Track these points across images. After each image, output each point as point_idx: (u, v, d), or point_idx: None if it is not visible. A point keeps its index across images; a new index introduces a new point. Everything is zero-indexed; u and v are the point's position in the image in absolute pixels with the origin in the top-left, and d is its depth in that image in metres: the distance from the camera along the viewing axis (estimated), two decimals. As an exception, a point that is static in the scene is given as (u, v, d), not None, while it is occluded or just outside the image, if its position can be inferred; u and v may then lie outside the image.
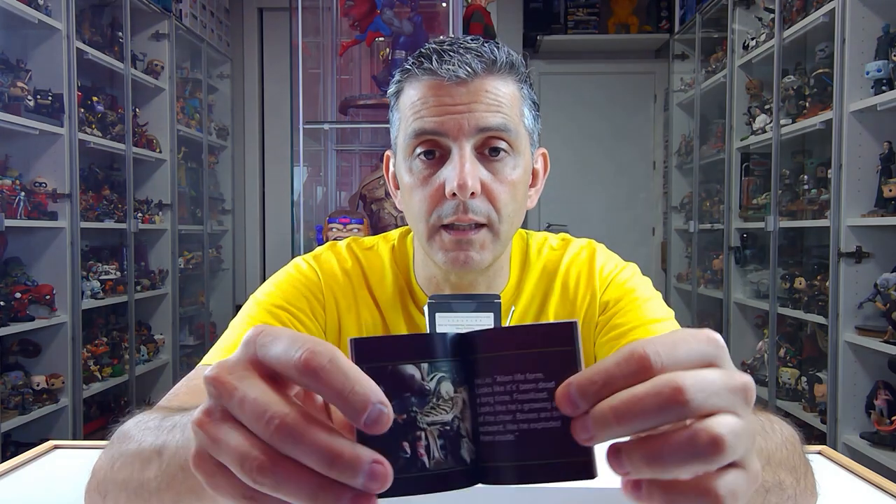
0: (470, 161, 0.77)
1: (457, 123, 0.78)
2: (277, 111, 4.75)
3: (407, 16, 2.69)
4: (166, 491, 0.52)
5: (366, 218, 2.70)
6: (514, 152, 0.81)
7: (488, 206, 0.80)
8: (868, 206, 2.30)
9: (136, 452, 0.56)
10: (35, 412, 2.60)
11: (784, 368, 2.81)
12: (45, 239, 2.78)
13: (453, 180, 0.76)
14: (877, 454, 2.16)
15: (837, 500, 0.74)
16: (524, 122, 0.83)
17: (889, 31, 2.22)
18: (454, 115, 0.78)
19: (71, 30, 2.78)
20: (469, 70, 0.78)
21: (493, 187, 0.79)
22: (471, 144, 0.78)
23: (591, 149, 4.88)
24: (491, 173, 0.80)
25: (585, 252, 0.94)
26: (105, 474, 0.59)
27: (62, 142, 2.76)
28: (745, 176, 3.26)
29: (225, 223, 4.57)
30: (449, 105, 0.78)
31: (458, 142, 0.78)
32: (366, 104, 2.76)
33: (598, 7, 4.67)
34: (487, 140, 0.79)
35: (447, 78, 0.78)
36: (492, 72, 0.80)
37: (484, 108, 0.78)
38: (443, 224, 0.79)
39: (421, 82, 0.80)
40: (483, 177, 0.79)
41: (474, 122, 0.78)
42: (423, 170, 0.80)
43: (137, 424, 0.59)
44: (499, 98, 0.79)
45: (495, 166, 0.80)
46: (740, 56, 3.24)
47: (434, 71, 0.78)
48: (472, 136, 0.78)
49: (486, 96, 0.79)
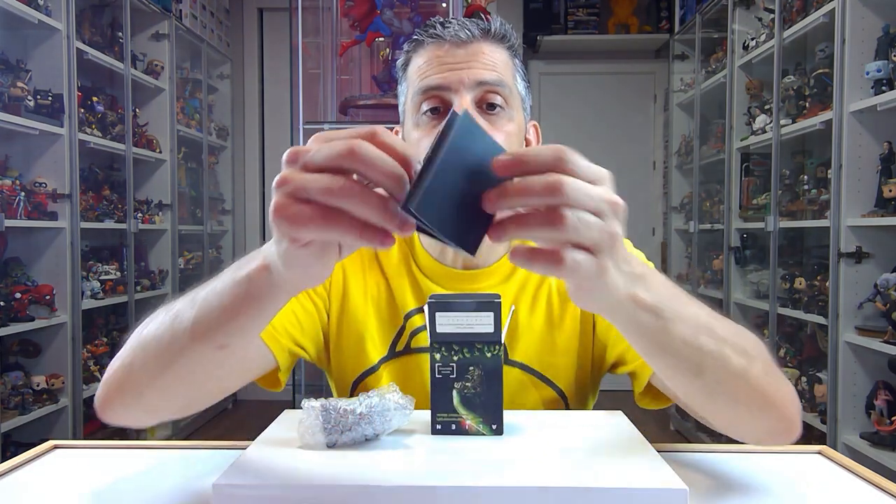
0: (471, 110, 0.87)
1: (458, 77, 0.89)
2: (277, 111, 4.76)
3: (407, 16, 2.69)
4: (229, 304, 0.59)
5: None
6: (509, 107, 0.91)
7: None
8: (868, 206, 2.30)
9: (189, 297, 0.64)
10: (35, 412, 2.60)
11: (784, 369, 2.81)
12: (45, 239, 2.78)
13: None
14: (877, 454, 2.16)
15: (837, 500, 0.74)
16: (517, 85, 0.94)
17: (889, 31, 2.22)
18: (456, 70, 0.89)
19: (71, 30, 2.78)
20: (468, 33, 0.90)
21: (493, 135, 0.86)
22: (471, 97, 0.89)
23: (591, 149, 4.80)
24: (488, 124, 0.89)
25: None
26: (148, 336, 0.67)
27: (62, 142, 2.76)
28: (745, 176, 3.26)
29: (225, 223, 4.57)
30: (451, 63, 0.89)
31: (459, 94, 0.89)
32: (366, 104, 2.76)
33: (598, 7, 4.67)
34: (485, 95, 0.90)
35: (450, 39, 0.90)
36: (487, 38, 0.91)
37: (481, 66, 0.89)
38: None
39: (426, 49, 0.91)
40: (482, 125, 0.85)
41: (473, 76, 0.89)
42: (428, 122, 0.91)
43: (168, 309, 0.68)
44: (494, 59, 0.91)
45: (492, 119, 0.90)
46: (740, 56, 3.24)
47: (439, 35, 0.90)
48: (471, 89, 0.89)
49: (482, 57, 0.90)
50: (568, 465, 0.66)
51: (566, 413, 0.90)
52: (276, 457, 0.69)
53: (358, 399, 0.74)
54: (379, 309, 0.98)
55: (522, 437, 0.76)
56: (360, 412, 0.72)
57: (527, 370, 0.96)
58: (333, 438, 0.72)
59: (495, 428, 0.76)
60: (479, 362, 0.77)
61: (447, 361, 0.77)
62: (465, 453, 0.70)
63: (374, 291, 0.98)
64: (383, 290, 0.98)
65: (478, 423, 0.77)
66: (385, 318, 0.98)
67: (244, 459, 0.67)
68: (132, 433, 3.31)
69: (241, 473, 0.64)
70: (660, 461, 0.66)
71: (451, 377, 0.77)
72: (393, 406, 0.74)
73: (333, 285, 0.97)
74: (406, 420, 0.75)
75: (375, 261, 0.99)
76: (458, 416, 0.77)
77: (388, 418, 0.73)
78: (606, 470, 0.64)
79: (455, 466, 0.66)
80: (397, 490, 0.60)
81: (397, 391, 0.75)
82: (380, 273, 0.99)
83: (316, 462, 0.67)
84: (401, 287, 0.98)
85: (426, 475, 0.64)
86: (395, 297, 0.98)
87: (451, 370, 0.77)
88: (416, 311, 0.97)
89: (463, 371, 0.77)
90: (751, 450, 0.89)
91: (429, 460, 0.69)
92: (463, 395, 0.77)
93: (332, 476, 0.63)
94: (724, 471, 0.82)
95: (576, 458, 0.68)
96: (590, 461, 0.67)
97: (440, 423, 0.77)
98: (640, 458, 0.68)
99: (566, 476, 0.63)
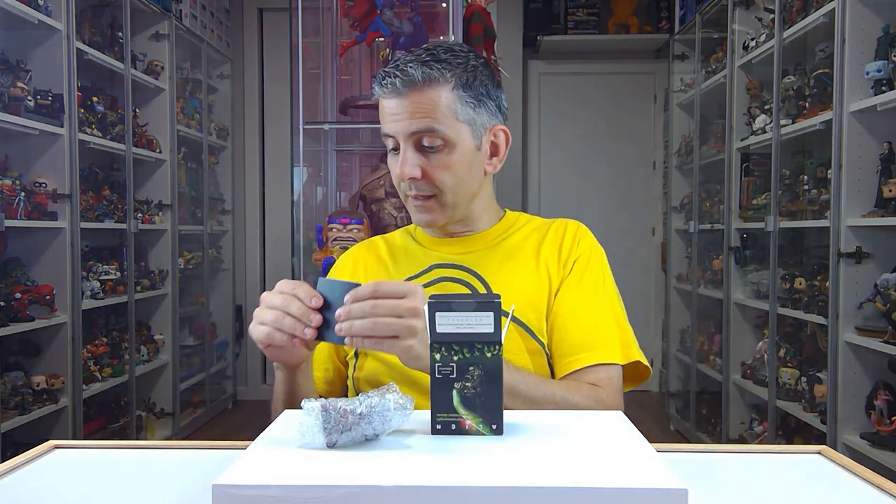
0: (410, 155, 1.07)
1: (398, 127, 1.07)
2: (277, 111, 4.75)
3: (407, 16, 2.68)
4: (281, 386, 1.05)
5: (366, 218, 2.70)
6: (449, 143, 1.07)
7: (431, 185, 1.09)
8: (868, 206, 2.30)
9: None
10: (35, 412, 2.60)
11: (784, 369, 2.81)
12: (45, 239, 2.78)
13: (396, 171, 1.10)
14: (877, 454, 2.16)
15: (837, 500, 0.74)
16: (457, 117, 1.08)
17: (889, 32, 2.22)
18: (397, 121, 1.07)
19: (71, 30, 2.78)
20: (397, 90, 1.06)
21: (432, 172, 1.08)
22: (409, 143, 1.07)
23: (591, 149, 4.88)
24: (430, 161, 1.08)
25: (572, 221, 1.22)
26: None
27: (62, 142, 2.76)
28: (745, 176, 3.26)
29: (225, 223, 4.57)
30: (394, 114, 1.07)
31: (403, 140, 1.08)
32: (366, 104, 2.75)
33: (598, 7, 4.67)
34: (420, 138, 1.07)
35: (390, 91, 1.06)
36: (415, 89, 1.05)
37: (412, 116, 1.06)
38: (408, 195, 1.12)
39: (381, 96, 1.09)
40: (423, 164, 1.08)
41: (407, 128, 1.07)
42: (392, 158, 1.12)
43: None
44: (425, 106, 1.06)
45: (432, 157, 1.08)
46: (740, 56, 3.24)
47: (382, 90, 1.08)
48: (408, 138, 1.07)
49: (415, 106, 1.06)
50: (568, 465, 0.66)
51: (566, 413, 0.90)
52: (276, 457, 0.69)
53: (358, 399, 0.74)
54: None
55: (522, 437, 0.76)
56: (359, 412, 0.72)
57: (514, 320, 1.10)
58: (333, 438, 0.72)
59: (495, 428, 0.76)
60: (479, 362, 0.77)
61: (447, 361, 0.77)
62: (465, 453, 0.70)
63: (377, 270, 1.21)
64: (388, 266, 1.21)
65: (478, 423, 0.77)
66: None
67: (244, 459, 0.68)
68: (132, 433, 3.31)
69: (241, 473, 0.64)
70: (660, 461, 0.66)
71: (451, 377, 0.77)
72: (393, 406, 0.74)
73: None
74: (406, 420, 0.75)
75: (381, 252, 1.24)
76: (458, 416, 0.77)
77: (388, 418, 0.73)
78: (606, 470, 0.64)
79: (455, 466, 0.66)
80: (397, 490, 0.61)
81: (397, 391, 0.76)
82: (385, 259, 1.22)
83: (316, 462, 0.68)
84: (403, 261, 1.20)
85: (426, 475, 0.64)
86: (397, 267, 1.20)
87: (451, 370, 0.77)
88: (411, 278, 1.16)
89: (463, 371, 0.77)
90: (751, 450, 0.89)
91: (429, 460, 0.69)
92: (463, 395, 0.77)
93: (332, 476, 0.63)
94: (724, 471, 0.82)
95: (575, 458, 0.68)
96: (589, 461, 0.67)
97: (440, 423, 0.77)
98: (640, 458, 0.68)
99: (566, 476, 0.63)
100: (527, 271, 1.14)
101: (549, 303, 1.13)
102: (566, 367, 1.09)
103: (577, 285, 1.13)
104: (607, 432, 0.77)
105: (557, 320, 1.11)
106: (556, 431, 0.78)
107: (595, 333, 1.10)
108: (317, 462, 0.67)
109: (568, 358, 1.09)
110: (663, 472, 0.63)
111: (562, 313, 1.11)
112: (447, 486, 0.61)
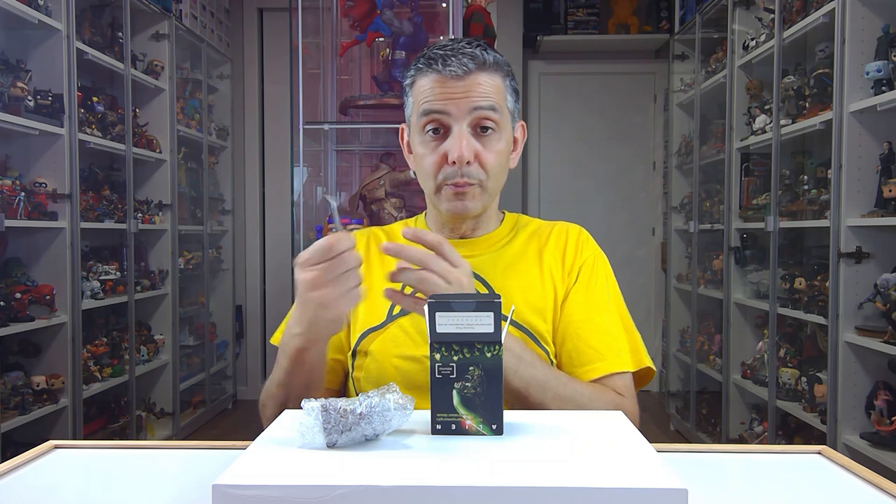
0: (466, 137, 1.05)
1: (456, 106, 1.05)
2: (277, 111, 4.76)
3: (407, 16, 2.69)
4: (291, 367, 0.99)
5: (366, 218, 2.70)
6: (500, 129, 1.08)
7: (480, 170, 1.07)
8: (868, 206, 2.30)
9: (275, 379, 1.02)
10: (35, 412, 2.60)
11: (784, 369, 2.81)
12: (45, 239, 2.78)
13: (454, 152, 1.05)
14: (877, 454, 2.17)
15: (837, 500, 0.74)
16: (507, 105, 1.10)
17: (889, 32, 2.22)
18: (455, 100, 1.05)
19: (71, 30, 2.78)
20: (465, 69, 1.05)
21: (484, 156, 1.07)
22: (467, 122, 1.06)
23: (591, 149, 4.88)
24: (482, 145, 1.07)
25: (573, 226, 1.22)
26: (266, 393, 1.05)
27: (62, 142, 2.76)
28: (745, 176, 3.26)
29: (225, 223, 4.57)
30: (450, 93, 1.05)
31: (457, 121, 1.05)
32: (366, 104, 2.75)
33: (598, 7, 4.67)
34: (479, 120, 1.06)
35: (450, 76, 1.05)
36: (483, 69, 1.06)
37: (476, 95, 1.05)
38: (446, 182, 1.08)
39: (429, 77, 1.07)
40: (476, 148, 1.06)
41: (469, 104, 1.05)
42: (430, 141, 1.08)
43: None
44: (487, 89, 1.06)
45: (485, 140, 1.07)
46: (740, 56, 3.24)
47: (440, 71, 1.05)
48: (467, 115, 1.05)
49: (478, 87, 1.06)
50: (568, 466, 0.66)
51: (566, 413, 0.90)
52: (276, 457, 0.69)
53: (358, 399, 0.74)
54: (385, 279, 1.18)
55: (522, 437, 0.76)
56: (359, 412, 0.72)
57: (520, 327, 1.09)
58: (333, 438, 0.72)
59: (495, 428, 0.76)
60: (479, 362, 0.77)
61: (447, 361, 0.77)
62: (465, 453, 0.70)
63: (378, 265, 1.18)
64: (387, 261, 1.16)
65: (478, 423, 0.77)
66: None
67: (244, 459, 0.68)
68: (132, 433, 3.31)
69: (241, 473, 0.64)
70: (660, 461, 0.66)
71: (451, 377, 0.77)
72: (393, 406, 0.74)
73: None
74: (406, 420, 0.75)
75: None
76: (458, 416, 0.77)
77: (388, 418, 0.73)
78: (606, 470, 0.64)
79: (455, 466, 0.66)
80: (397, 490, 0.61)
81: (397, 391, 0.75)
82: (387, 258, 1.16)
83: (316, 462, 0.67)
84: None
85: (426, 475, 0.64)
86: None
87: (451, 370, 0.77)
88: None
89: (463, 371, 0.77)
90: (751, 450, 0.89)
91: (429, 460, 0.69)
92: (463, 395, 0.77)
93: (332, 476, 0.63)
94: (724, 471, 0.82)
95: (575, 458, 0.68)
96: (590, 461, 0.67)
97: (440, 423, 0.77)
98: (640, 458, 0.68)
99: (566, 476, 0.63)
100: (531, 278, 1.13)
101: (556, 311, 1.12)
102: (580, 377, 1.08)
103: (585, 293, 1.13)
104: (607, 432, 0.77)
105: (568, 330, 1.11)
106: (556, 431, 0.78)
107: (606, 343, 1.09)
108: (317, 462, 0.67)
109: (581, 368, 1.08)
110: (663, 472, 0.63)
111: (572, 323, 1.11)
112: (447, 486, 0.61)
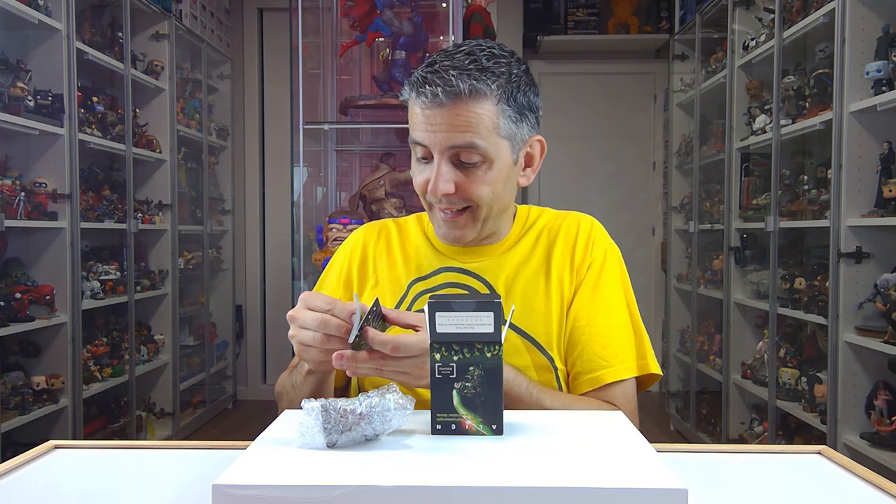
0: (444, 171, 1.00)
1: (434, 140, 0.99)
2: (277, 111, 4.75)
3: (407, 16, 2.68)
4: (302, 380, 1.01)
5: (366, 218, 2.70)
6: (487, 160, 1.01)
7: (465, 199, 1.03)
8: (868, 206, 2.30)
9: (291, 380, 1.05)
10: (35, 412, 2.60)
11: (784, 369, 2.81)
12: (45, 239, 2.78)
13: (430, 186, 1.01)
14: (877, 454, 2.16)
15: (837, 500, 0.74)
16: (499, 132, 1.01)
17: (889, 32, 2.22)
18: (433, 132, 0.99)
19: (71, 30, 2.78)
20: (448, 96, 0.96)
21: (468, 187, 1.02)
22: (445, 157, 1.00)
23: (591, 149, 4.88)
24: (466, 176, 1.01)
25: (585, 218, 1.17)
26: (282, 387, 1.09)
27: (62, 142, 2.76)
28: (745, 176, 3.26)
29: (225, 223, 4.57)
30: (431, 124, 0.99)
31: (437, 152, 1.00)
32: (366, 104, 2.75)
33: (598, 7, 4.67)
34: (458, 153, 1.00)
35: (432, 105, 0.98)
36: (463, 98, 0.97)
37: (454, 129, 0.98)
38: (433, 205, 1.05)
39: (418, 101, 1.00)
40: (457, 180, 1.01)
41: (446, 141, 0.99)
42: (418, 165, 1.06)
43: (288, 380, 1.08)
44: (469, 120, 0.98)
45: (469, 171, 1.01)
46: (740, 56, 3.24)
47: (425, 95, 0.98)
48: (445, 151, 1.00)
49: (457, 119, 0.98)
50: (568, 466, 0.66)
51: (566, 413, 0.90)
52: (276, 457, 0.69)
53: (358, 399, 0.74)
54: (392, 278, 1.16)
55: (522, 437, 0.76)
56: (359, 412, 0.72)
57: (523, 335, 1.07)
58: (333, 438, 0.72)
59: (495, 428, 0.76)
60: (479, 362, 0.77)
61: (447, 361, 0.77)
62: (465, 453, 0.70)
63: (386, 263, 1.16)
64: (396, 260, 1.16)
65: (478, 423, 0.77)
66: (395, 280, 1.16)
67: (244, 459, 0.68)
68: (132, 433, 3.31)
69: (241, 473, 0.64)
70: (660, 461, 0.66)
71: (451, 377, 0.77)
72: (393, 406, 0.74)
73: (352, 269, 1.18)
74: (406, 420, 0.75)
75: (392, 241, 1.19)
76: (458, 416, 0.77)
77: (388, 418, 0.73)
78: (606, 470, 0.64)
79: (455, 466, 0.66)
80: (397, 490, 0.61)
81: (397, 391, 0.75)
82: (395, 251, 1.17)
83: (316, 462, 0.68)
84: (413, 260, 1.15)
85: (426, 475, 0.64)
86: (406, 265, 1.15)
87: (451, 370, 0.77)
88: (418, 279, 1.13)
89: (463, 371, 0.77)
90: (751, 450, 0.89)
91: (429, 460, 0.69)
92: (463, 395, 0.77)
93: (332, 476, 0.63)
94: (724, 471, 0.82)
95: (575, 458, 0.68)
96: (589, 461, 0.67)
97: (440, 423, 0.77)
98: (640, 458, 0.68)
99: (566, 476, 0.63)
100: (538, 284, 1.10)
101: (562, 316, 1.09)
102: (584, 385, 1.06)
103: (592, 293, 1.09)
104: (607, 432, 0.77)
105: (573, 335, 1.08)
106: (556, 431, 0.78)
107: (612, 349, 1.07)
108: (317, 462, 0.67)
109: (585, 376, 1.06)
110: (663, 472, 0.63)
111: (578, 328, 1.08)
112: (447, 486, 0.61)
